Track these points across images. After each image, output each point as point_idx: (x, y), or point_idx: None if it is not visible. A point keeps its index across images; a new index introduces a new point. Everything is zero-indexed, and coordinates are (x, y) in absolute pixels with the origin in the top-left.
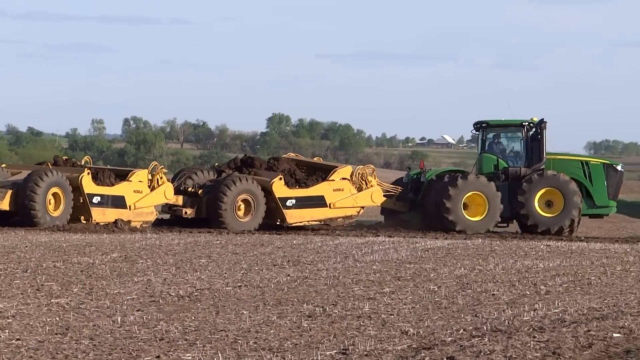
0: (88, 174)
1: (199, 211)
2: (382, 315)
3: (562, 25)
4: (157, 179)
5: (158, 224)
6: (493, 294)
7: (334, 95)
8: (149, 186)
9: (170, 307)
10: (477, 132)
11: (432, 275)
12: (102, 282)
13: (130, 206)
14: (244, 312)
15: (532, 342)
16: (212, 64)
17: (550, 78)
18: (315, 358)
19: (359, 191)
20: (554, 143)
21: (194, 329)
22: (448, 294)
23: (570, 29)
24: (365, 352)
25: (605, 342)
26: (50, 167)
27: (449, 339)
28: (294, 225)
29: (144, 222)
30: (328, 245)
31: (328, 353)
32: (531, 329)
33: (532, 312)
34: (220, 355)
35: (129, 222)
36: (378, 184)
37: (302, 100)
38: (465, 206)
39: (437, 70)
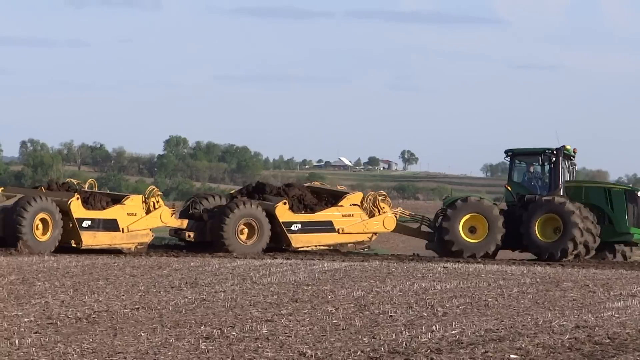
0: (77, 198)
1: (204, 235)
2: (280, 337)
3: (459, 47)
4: (153, 202)
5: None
6: (390, 316)
7: (231, 117)
8: (144, 209)
9: (68, 329)
10: (507, 160)
11: (330, 297)
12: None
13: (123, 229)
14: (142, 334)
15: None
16: (110, 85)
17: (448, 100)
18: None
19: (370, 217)
20: (452, 165)
21: (91, 351)
22: (346, 316)
23: (466, 51)
24: None
25: None
26: (43, 191)
27: None
28: (300, 249)
29: (139, 244)
30: (226, 268)
31: None
32: (429, 351)
33: (429, 333)
34: None
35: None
36: (398, 213)
37: (199, 122)
38: (473, 230)
39: (333, 92)
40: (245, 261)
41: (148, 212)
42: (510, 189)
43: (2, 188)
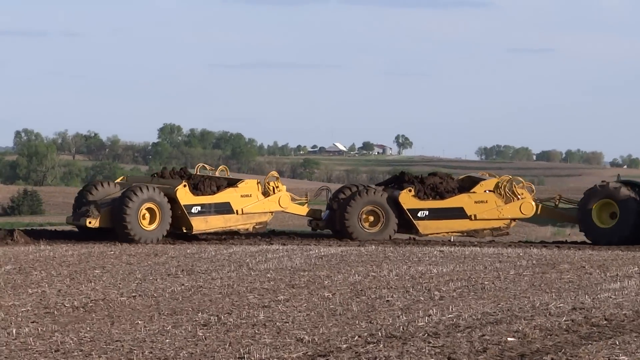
0: (185, 185)
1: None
2: (277, 323)
3: (454, 32)
4: (273, 187)
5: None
6: (387, 300)
7: (225, 104)
8: (261, 192)
9: (65, 318)
10: None
11: (326, 282)
12: None
13: (237, 211)
14: (139, 322)
15: (427, 348)
16: (104, 74)
17: (441, 85)
18: None
19: (265, 196)
20: (446, 149)
21: (89, 339)
22: (342, 301)
23: (461, 36)
24: None
25: (499, 347)
26: (151, 180)
27: (344, 345)
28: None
29: (257, 224)
30: (222, 254)
31: None
32: (426, 335)
33: (426, 317)
34: None
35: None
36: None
37: (193, 109)
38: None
39: (327, 78)
40: (242, 247)
41: (267, 195)
42: None
43: (123, 177)
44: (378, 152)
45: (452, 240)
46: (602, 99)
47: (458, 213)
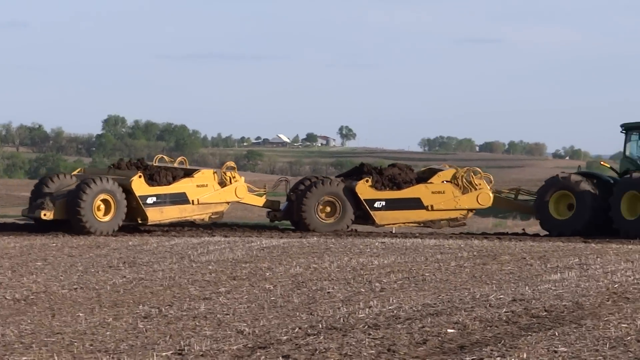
0: (140, 176)
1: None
2: (218, 315)
3: (399, 23)
4: (230, 177)
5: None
6: (328, 292)
7: (169, 95)
8: (217, 182)
9: (6, 310)
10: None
11: (268, 274)
12: None
13: (193, 201)
14: (80, 314)
15: (367, 339)
16: (48, 66)
17: (385, 76)
18: (151, 359)
19: (222, 187)
20: (388, 141)
21: (30, 332)
22: (283, 293)
23: (406, 27)
24: (201, 352)
25: (439, 338)
26: (108, 171)
27: (285, 337)
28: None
29: (213, 214)
30: (164, 246)
31: (164, 354)
32: (366, 326)
33: (367, 309)
34: (56, 357)
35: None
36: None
37: (137, 101)
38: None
39: (271, 69)
40: (184, 239)
41: (223, 185)
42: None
43: (80, 169)
44: (321, 144)
45: (393, 231)
46: (545, 91)
47: (415, 203)
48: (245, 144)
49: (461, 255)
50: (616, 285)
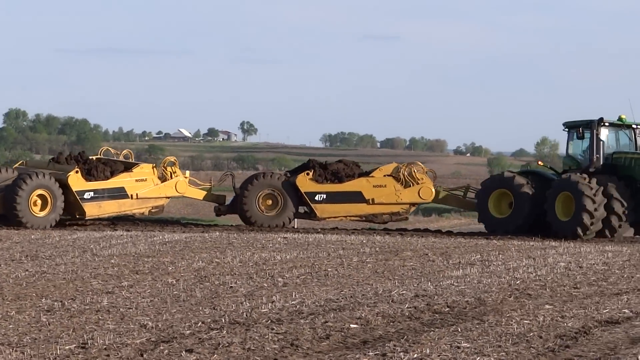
0: (77, 172)
1: None
2: (121, 309)
3: (301, 18)
4: (170, 172)
5: None
6: (231, 287)
7: (70, 89)
8: (158, 177)
9: None
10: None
11: (170, 268)
12: None
13: (132, 195)
14: None
15: (270, 334)
16: None
17: (287, 71)
18: (54, 352)
19: (162, 182)
20: (290, 137)
21: None
22: (186, 287)
23: (308, 22)
24: (105, 346)
25: (342, 333)
26: (48, 165)
27: (188, 331)
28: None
29: (153, 208)
30: (66, 240)
31: (67, 347)
32: (269, 321)
33: (269, 304)
34: None
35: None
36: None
37: (38, 95)
38: None
39: (173, 64)
40: (86, 233)
41: (163, 180)
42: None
43: (21, 162)
44: (223, 139)
45: (295, 226)
46: (446, 87)
47: (356, 197)
48: (146, 138)
49: (363, 251)
50: (518, 282)
